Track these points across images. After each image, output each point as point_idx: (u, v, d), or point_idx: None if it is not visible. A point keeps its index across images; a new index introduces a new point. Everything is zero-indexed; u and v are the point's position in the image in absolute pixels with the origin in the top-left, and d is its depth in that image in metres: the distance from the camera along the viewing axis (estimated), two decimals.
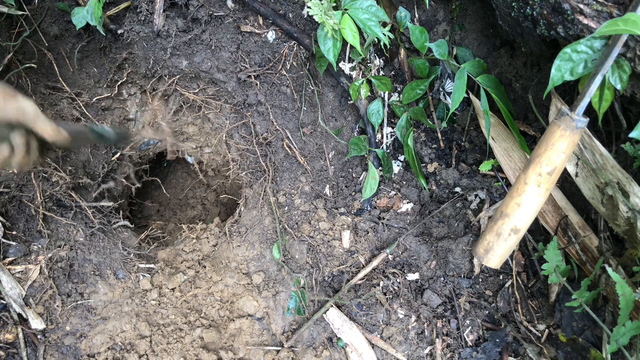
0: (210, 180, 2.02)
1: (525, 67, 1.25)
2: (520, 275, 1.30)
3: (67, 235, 1.37)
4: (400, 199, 1.45)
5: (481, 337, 1.27)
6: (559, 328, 1.22)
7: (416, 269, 1.35)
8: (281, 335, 1.34)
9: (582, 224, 1.18)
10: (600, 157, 1.03)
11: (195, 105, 1.61)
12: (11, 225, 1.31)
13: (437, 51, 1.24)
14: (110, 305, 1.34)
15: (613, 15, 0.87)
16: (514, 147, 1.25)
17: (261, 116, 1.50)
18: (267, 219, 1.47)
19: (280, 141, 1.50)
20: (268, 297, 1.38)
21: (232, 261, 1.43)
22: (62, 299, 1.31)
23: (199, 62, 1.45)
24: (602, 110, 0.93)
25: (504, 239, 1.00)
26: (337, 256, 1.41)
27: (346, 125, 1.50)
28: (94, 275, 1.36)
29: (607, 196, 1.05)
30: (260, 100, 1.47)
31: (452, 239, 1.32)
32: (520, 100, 1.29)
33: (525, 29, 1.05)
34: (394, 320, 1.32)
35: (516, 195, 0.97)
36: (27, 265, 1.30)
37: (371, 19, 1.14)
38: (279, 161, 1.50)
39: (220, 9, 1.39)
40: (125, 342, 1.30)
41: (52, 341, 1.28)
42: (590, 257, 1.16)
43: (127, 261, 1.43)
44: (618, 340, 0.95)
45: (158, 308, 1.36)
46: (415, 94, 1.35)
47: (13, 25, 1.38)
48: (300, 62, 1.44)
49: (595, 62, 0.89)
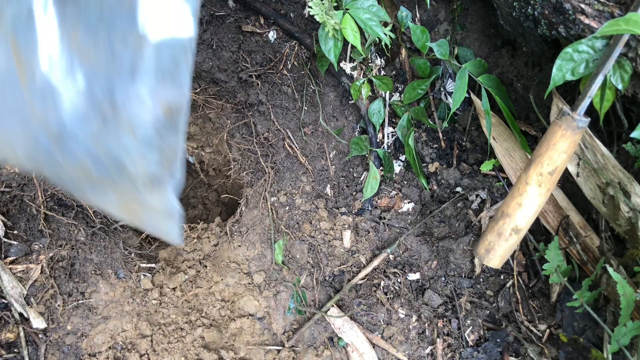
0: (211, 180, 2.03)
1: (526, 67, 1.25)
2: (521, 275, 1.30)
3: (68, 235, 1.37)
4: (401, 199, 1.45)
5: (482, 337, 1.27)
6: (560, 328, 1.22)
7: (417, 269, 1.35)
8: (282, 334, 1.34)
9: (583, 224, 1.18)
10: (601, 157, 1.03)
11: (196, 104, 1.61)
12: (12, 225, 1.31)
13: (439, 51, 1.24)
14: (111, 304, 1.34)
15: (614, 15, 0.87)
16: (515, 147, 1.25)
17: (262, 116, 1.50)
18: (268, 219, 1.47)
19: (281, 141, 1.50)
20: (269, 296, 1.38)
21: (233, 261, 1.43)
22: (63, 298, 1.31)
23: (200, 62, 1.45)
24: (603, 110, 0.93)
25: (505, 239, 1.00)
26: (338, 256, 1.41)
27: (347, 125, 1.50)
28: (95, 274, 1.36)
29: (608, 196, 1.05)
30: (261, 100, 1.47)
31: (453, 238, 1.32)
32: (521, 100, 1.29)
33: (527, 28, 1.05)
34: (395, 320, 1.32)
35: (517, 195, 0.97)
36: (28, 264, 1.30)
37: (372, 19, 1.14)
38: (280, 161, 1.50)
39: (222, 8, 1.39)
40: (126, 342, 1.30)
41: (53, 340, 1.28)
42: (592, 257, 1.16)
43: (128, 261, 1.43)
44: (619, 340, 0.95)
45: (159, 307, 1.36)
46: (416, 94, 1.35)
47: None
48: (302, 62, 1.44)
49: (597, 62, 0.89)
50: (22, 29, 0.50)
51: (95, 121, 0.53)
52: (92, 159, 0.58)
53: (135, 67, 0.50)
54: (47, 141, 0.56)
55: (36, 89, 0.52)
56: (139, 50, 0.49)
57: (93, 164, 0.59)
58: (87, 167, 0.59)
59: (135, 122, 0.53)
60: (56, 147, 0.56)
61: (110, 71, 0.50)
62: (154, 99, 0.52)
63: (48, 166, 0.61)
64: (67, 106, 0.53)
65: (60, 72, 0.51)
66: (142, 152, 0.56)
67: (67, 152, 0.57)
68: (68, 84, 0.51)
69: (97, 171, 0.59)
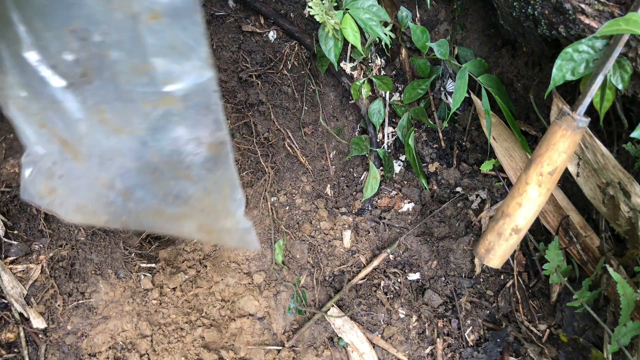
0: None
1: (526, 66, 1.25)
2: (522, 275, 1.30)
3: (68, 235, 1.37)
4: (402, 199, 1.45)
5: (482, 337, 1.27)
6: (560, 328, 1.22)
7: (417, 269, 1.35)
8: (282, 334, 1.34)
9: (583, 223, 1.18)
10: (601, 157, 1.03)
11: None
12: (13, 225, 1.31)
13: (439, 51, 1.24)
14: (112, 304, 1.34)
15: (615, 15, 0.87)
16: (515, 147, 1.25)
17: (262, 116, 1.50)
18: (268, 219, 1.47)
19: (281, 141, 1.50)
20: (269, 296, 1.38)
21: (233, 261, 1.43)
22: (64, 298, 1.31)
23: None
24: (603, 110, 0.93)
25: (505, 239, 1.00)
26: (338, 256, 1.41)
27: (347, 125, 1.50)
28: (95, 274, 1.36)
29: (608, 196, 1.05)
30: (261, 99, 1.47)
31: (453, 238, 1.32)
32: (521, 100, 1.29)
33: (527, 28, 1.05)
34: (395, 320, 1.32)
35: (517, 195, 0.97)
36: (28, 264, 1.30)
37: (372, 19, 1.14)
38: (280, 161, 1.50)
39: (222, 8, 1.39)
40: (126, 342, 1.30)
41: (53, 340, 1.28)
42: (592, 257, 1.16)
43: (129, 260, 1.43)
44: (619, 340, 0.95)
45: (159, 307, 1.36)
46: (416, 94, 1.35)
47: None
48: (302, 62, 1.44)
49: (597, 62, 0.89)
50: (54, 117, 0.56)
51: (150, 174, 0.60)
52: (161, 202, 0.65)
53: (169, 121, 0.55)
54: (117, 197, 0.65)
55: (90, 160, 0.60)
56: (167, 105, 0.54)
57: (164, 205, 0.66)
58: (158, 208, 0.67)
59: (187, 167, 0.59)
60: (126, 199, 0.65)
61: (146, 130, 0.55)
62: (195, 143, 0.57)
63: (126, 216, 0.69)
64: (120, 165, 0.60)
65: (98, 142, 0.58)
66: (204, 189, 0.62)
67: (137, 201, 0.65)
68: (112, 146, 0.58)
69: (169, 209, 0.67)
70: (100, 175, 0.62)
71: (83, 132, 0.57)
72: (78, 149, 0.59)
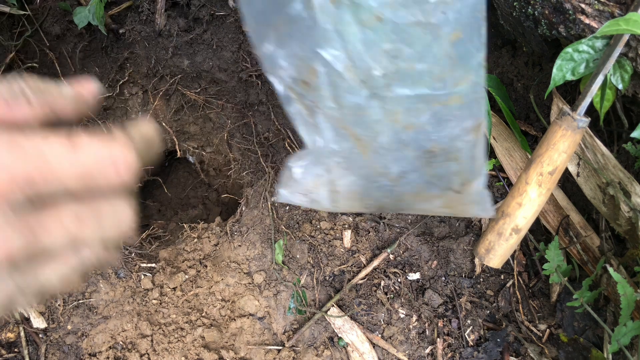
0: (212, 179, 2.03)
1: (526, 66, 1.25)
2: (522, 275, 1.30)
3: None
4: None
5: (482, 337, 1.27)
6: (560, 328, 1.22)
7: (417, 269, 1.36)
8: (282, 334, 1.34)
9: (584, 223, 1.18)
10: (601, 157, 1.03)
11: (196, 104, 1.61)
12: None
13: None
14: (112, 304, 1.34)
15: (615, 15, 0.87)
16: (515, 146, 1.25)
17: (262, 115, 1.50)
18: (268, 219, 1.47)
19: (281, 141, 1.50)
20: (269, 296, 1.38)
21: (233, 261, 1.43)
22: (64, 298, 1.31)
23: (201, 62, 1.45)
24: (603, 110, 0.93)
25: (505, 239, 1.00)
26: (338, 256, 1.41)
27: None
28: (96, 274, 1.36)
29: (608, 196, 1.05)
30: (261, 99, 1.47)
31: (453, 238, 1.32)
32: (521, 100, 1.29)
33: (527, 28, 1.05)
34: (395, 320, 1.32)
35: (517, 195, 0.97)
36: None
37: None
38: (280, 161, 1.50)
39: (222, 8, 1.39)
40: (126, 341, 1.30)
41: (53, 340, 1.28)
42: (592, 257, 1.16)
43: (129, 260, 1.44)
44: (619, 340, 0.95)
45: (159, 307, 1.36)
46: None
47: (15, 24, 1.38)
48: None
49: (597, 61, 0.89)
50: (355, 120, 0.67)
51: (425, 159, 0.72)
52: (426, 183, 0.77)
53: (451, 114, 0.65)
54: (387, 182, 0.77)
55: (377, 155, 0.72)
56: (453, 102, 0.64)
57: (426, 187, 0.78)
58: (421, 189, 0.78)
59: (458, 150, 0.70)
60: (395, 184, 0.77)
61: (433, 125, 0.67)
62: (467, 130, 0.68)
63: (389, 198, 0.82)
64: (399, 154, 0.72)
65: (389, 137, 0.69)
66: (468, 170, 0.74)
67: (405, 184, 0.77)
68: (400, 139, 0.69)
69: (429, 190, 0.78)
70: (376, 164, 0.74)
71: (378, 130, 0.67)
72: (369, 144, 0.70)
